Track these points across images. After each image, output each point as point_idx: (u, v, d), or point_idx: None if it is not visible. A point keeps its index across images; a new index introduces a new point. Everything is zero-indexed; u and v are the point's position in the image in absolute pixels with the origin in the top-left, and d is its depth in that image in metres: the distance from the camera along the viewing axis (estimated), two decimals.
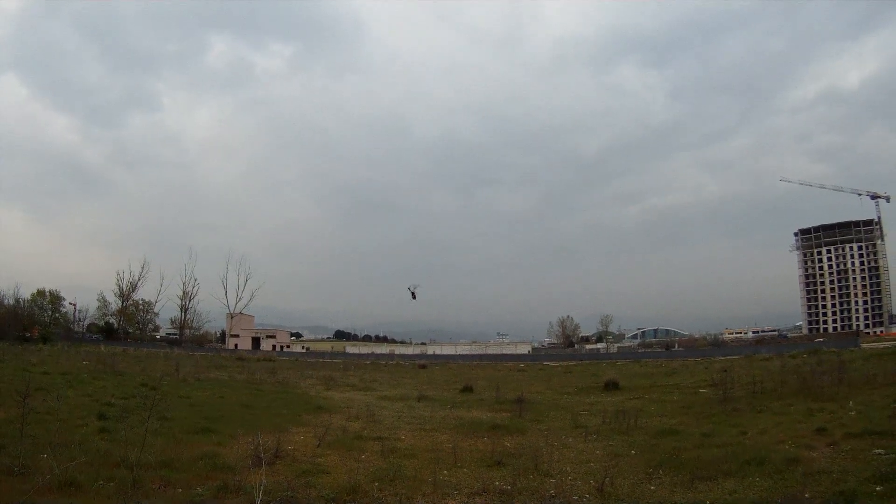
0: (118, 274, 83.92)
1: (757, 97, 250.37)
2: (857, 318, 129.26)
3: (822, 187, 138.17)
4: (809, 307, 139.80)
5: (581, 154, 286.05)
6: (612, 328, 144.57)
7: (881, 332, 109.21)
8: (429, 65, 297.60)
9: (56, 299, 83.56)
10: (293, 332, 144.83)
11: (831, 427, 11.40)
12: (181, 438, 10.78)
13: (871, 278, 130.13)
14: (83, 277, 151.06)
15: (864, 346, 60.36)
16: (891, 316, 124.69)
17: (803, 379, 18.37)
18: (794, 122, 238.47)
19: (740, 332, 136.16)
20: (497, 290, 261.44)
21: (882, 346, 57.65)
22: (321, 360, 63.55)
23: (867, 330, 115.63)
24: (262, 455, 8.16)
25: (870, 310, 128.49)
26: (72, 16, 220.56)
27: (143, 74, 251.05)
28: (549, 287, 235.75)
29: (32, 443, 8.46)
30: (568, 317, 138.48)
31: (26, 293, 78.18)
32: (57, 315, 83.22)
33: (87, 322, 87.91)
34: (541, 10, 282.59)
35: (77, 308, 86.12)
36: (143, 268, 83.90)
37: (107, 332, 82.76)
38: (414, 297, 74.04)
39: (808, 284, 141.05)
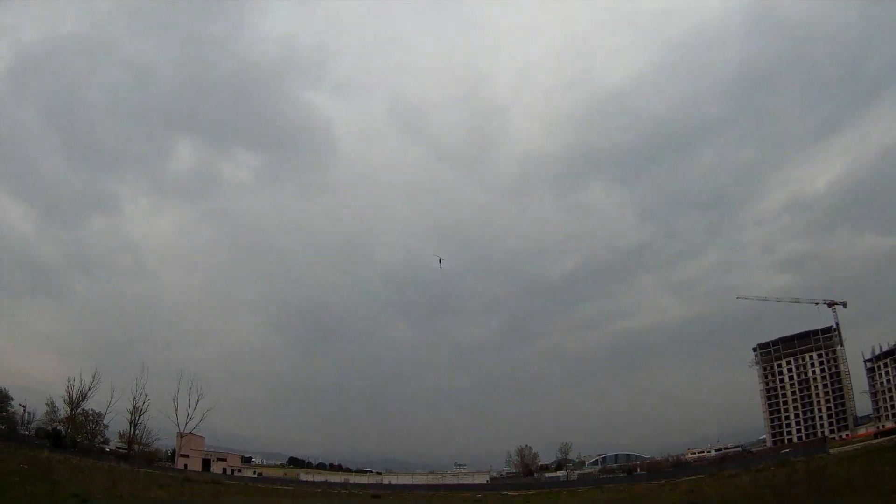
0: (69, 381, 79.84)
1: (726, 211, 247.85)
2: (822, 425, 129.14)
3: (780, 300, 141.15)
4: (772, 419, 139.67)
5: (546, 280, 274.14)
6: (572, 455, 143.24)
7: (847, 435, 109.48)
8: (394, 184, 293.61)
9: (4, 398, 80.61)
10: (245, 456, 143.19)
11: None
12: None
13: (833, 384, 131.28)
14: (31, 379, 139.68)
15: (833, 450, 60.42)
16: (855, 418, 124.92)
17: (778, 492, 17.50)
18: (760, 234, 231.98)
19: (703, 452, 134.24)
20: (456, 419, 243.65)
21: (851, 448, 57.92)
22: (271, 486, 63.75)
23: (832, 435, 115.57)
24: None
25: (834, 415, 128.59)
26: (37, 98, 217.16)
27: (104, 173, 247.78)
28: (509, 416, 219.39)
29: None
30: (526, 446, 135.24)
31: None
32: (4, 414, 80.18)
33: (34, 426, 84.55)
34: (507, 124, 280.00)
35: (27, 410, 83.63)
36: (94, 377, 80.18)
37: (54, 439, 78.56)
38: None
39: (769, 398, 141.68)
